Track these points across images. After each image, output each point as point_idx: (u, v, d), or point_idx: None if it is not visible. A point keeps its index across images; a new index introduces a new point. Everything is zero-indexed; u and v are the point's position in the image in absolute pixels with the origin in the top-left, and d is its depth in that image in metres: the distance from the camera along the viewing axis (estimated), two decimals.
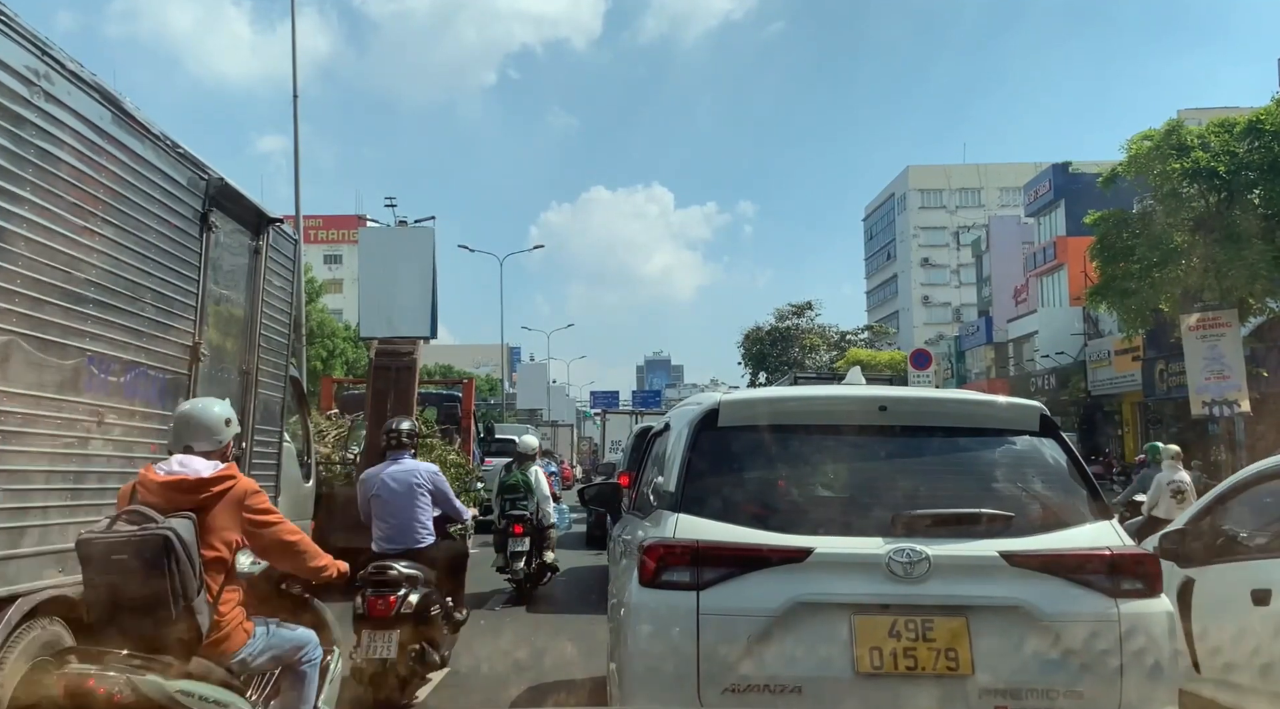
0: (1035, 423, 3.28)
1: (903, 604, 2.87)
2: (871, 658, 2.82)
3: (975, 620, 2.86)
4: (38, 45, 3.65)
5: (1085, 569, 2.94)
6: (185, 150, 4.82)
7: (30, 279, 3.62)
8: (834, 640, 2.84)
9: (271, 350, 6.14)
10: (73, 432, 3.93)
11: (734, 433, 3.27)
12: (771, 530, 3.00)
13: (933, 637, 2.83)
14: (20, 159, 3.56)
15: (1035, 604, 2.87)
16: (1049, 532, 3.03)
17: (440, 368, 47.48)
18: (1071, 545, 2.99)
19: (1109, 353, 29.03)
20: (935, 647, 2.82)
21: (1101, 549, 2.98)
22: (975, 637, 2.84)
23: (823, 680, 2.82)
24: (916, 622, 2.85)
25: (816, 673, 2.83)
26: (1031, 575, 2.90)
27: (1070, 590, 2.91)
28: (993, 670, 2.81)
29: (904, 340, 55.87)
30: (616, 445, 22.89)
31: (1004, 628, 2.86)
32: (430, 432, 11.30)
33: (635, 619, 3.00)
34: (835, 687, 2.82)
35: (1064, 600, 2.89)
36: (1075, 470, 3.21)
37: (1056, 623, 2.86)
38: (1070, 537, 3.02)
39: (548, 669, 6.26)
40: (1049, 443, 3.26)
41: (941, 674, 2.81)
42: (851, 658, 2.83)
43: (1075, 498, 3.16)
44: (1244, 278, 17.79)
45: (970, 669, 2.81)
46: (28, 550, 3.68)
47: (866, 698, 2.81)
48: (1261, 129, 18.07)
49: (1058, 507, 3.15)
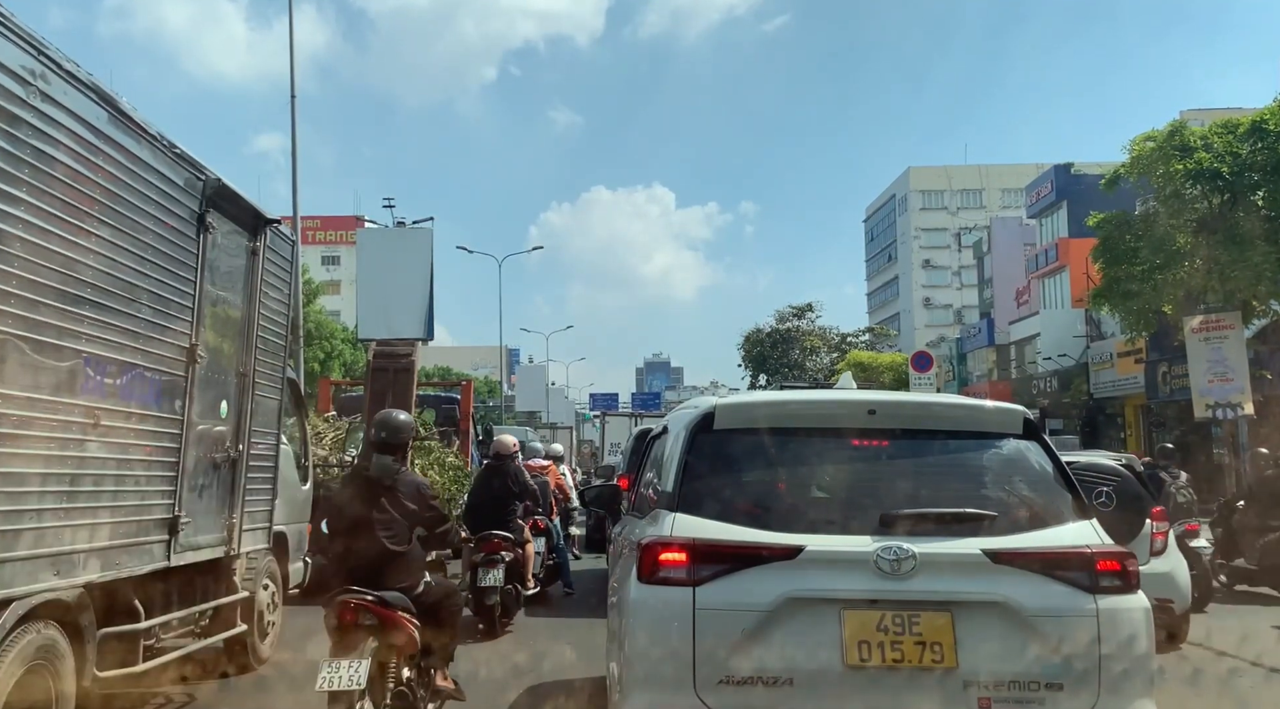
0: (1019, 426, 3.41)
1: (890, 600, 2.98)
2: (860, 651, 2.94)
3: (960, 615, 2.98)
4: (34, 45, 3.63)
5: (1065, 566, 3.06)
6: (182, 150, 4.80)
7: (26, 280, 3.60)
8: (824, 634, 2.96)
9: (269, 352, 6.11)
10: (68, 433, 3.91)
11: (729, 435, 3.38)
12: (765, 529, 3.11)
13: (919, 631, 2.95)
14: (16, 159, 3.54)
15: (1017, 600, 2.99)
16: (1031, 531, 3.16)
17: (438, 369, 47.38)
18: (1052, 544, 3.11)
19: (1111, 355, 28.99)
20: (921, 640, 2.95)
21: (1081, 547, 3.10)
22: (960, 631, 2.96)
23: (813, 672, 2.94)
24: (903, 616, 2.96)
25: (807, 665, 2.95)
26: (1014, 572, 3.02)
27: (1051, 587, 3.03)
28: (976, 663, 2.94)
29: (905, 342, 55.82)
30: (616, 447, 22.85)
31: (987, 623, 2.98)
32: (428, 434, 11.27)
33: (634, 614, 3.11)
34: (825, 678, 2.94)
35: (1045, 596, 3.01)
36: (1057, 472, 3.32)
37: (1038, 618, 2.98)
38: (1051, 535, 3.14)
39: (546, 672, 6.23)
40: (1032, 446, 3.39)
41: (927, 667, 2.94)
42: (841, 651, 2.94)
43: (1057, 498, 3.28)
44: (1247, 280, 17.76)
45: (954, 662, 2.93)
46: (23, 553, 3.65)
47: (855, 689, 2.93)
48: (1265, 130, 18.04)
49: (1040, 507, 3.27)
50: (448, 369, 50.57)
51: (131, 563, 4.46)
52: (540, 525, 8.86)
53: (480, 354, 73.76)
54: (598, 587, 8.57)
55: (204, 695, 5.67)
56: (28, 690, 3.74)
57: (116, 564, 4.32)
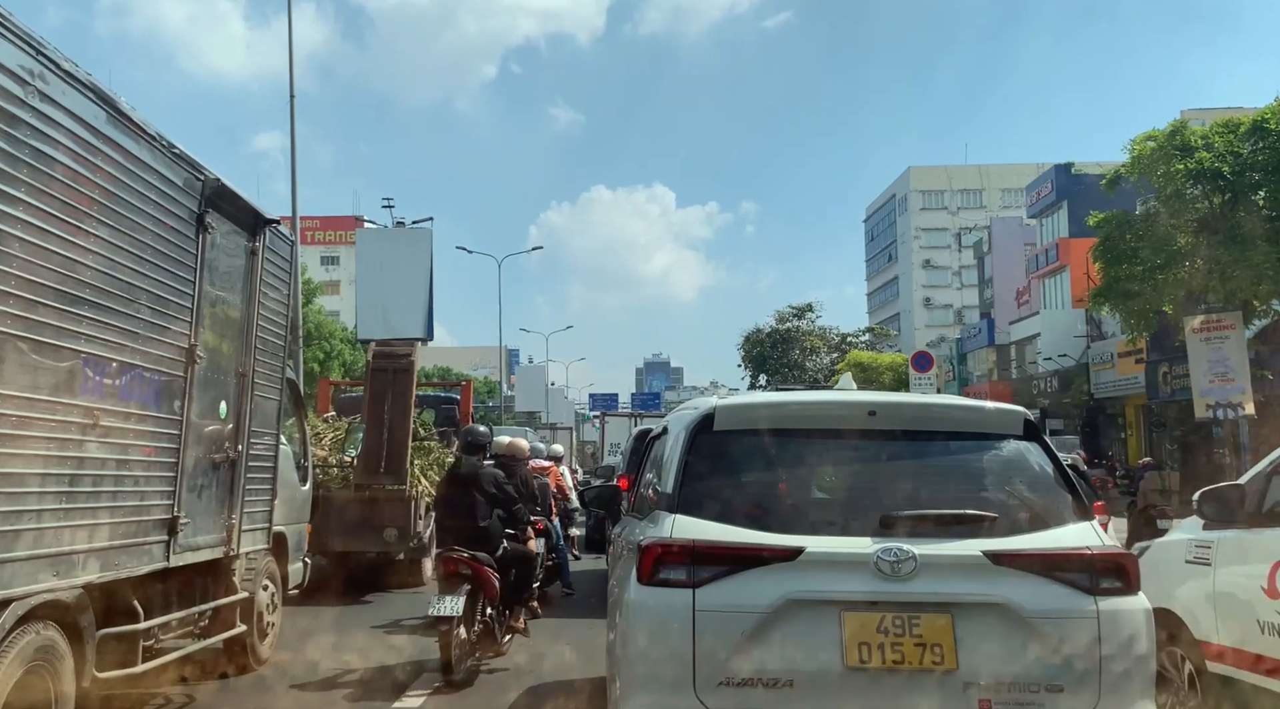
0: (1019, 427, 3.40)
1: (890, 601, 2.98)
2: (860, 653, 2.93)
3: (960, 617, 2.97)
4: (32, 44, 3.62)
5: (1066, 568, 3.06)
6: (181, 150, 4.79)
7: (25, 280, 3.59)
8: (824, 636, 2.96)
9: (268, 352, 6.10)
10: (67, 434, 3.90)
11: (729, 436, 3.38)
12: (765, 530, 3.11)
13: (919, 632, 2.95)
14: (14, 159, 3.53)
15: (1018, 602, 2.98)
16: (1031, 532, 3.16)
17: (438, 370, 47.34)
18: (1053, 545, 3.10)
19: (1112, 355, 28.98)
20: (921, 642, 2.94)
21: (1082, 549, 3.09)
22: (960, 633, 2.95)
23: (813, 674, 2.94)
24: (903, 618, 2.96)
25: (807, 667, 2.95)
26: (1014, 574, 3.02)
27: (1051, 588, 3.02)
28: (976, 665, 2.93)
29: (905, 342, 55.82)
30: (615, 448, 22.84)
31: (987, 624, 2.98)
32: (428, 434, 11.25)
33: (633, 615, 3.12)
34: (825, 680, 2.94)
35: (1045, 598, 3.00)
36: (1057, 473, 3.32)
37: (1038, 620, 2.97)
38: (1052, 537, 3.14)
39: (546, 673, 6.23)
40: (1033, 447, 3.38)
41: (927, 668, 2.93)
42: (841, 653, 2.94)
43: (1057, 500, 3.27)
44: (1248, 280, 17.72)
45: (955, 664, 2.93)
46: (22, 554, 3.64)
47: (855, 691, 2.93)
48: (1266, 129, 18.01)
49: (1040, 508, 3.26)
50: (447, 369, 50.54)
51: (131, 563, 4.45)
52: (540, 526, 8.85)
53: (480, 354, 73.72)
54: (597, 588, 8.57)
55: (203, 696, 5.66)
56: (27, 691, 3.73)
57: (116, 565, 4.31)
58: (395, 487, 9.54)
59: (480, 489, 6.19)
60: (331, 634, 7.31)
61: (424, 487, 9.99)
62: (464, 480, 6.29)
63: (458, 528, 6.17)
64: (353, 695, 5.65)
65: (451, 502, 6.31)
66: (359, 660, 6.44)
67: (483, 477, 6.28)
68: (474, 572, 5.94)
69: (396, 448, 9.59)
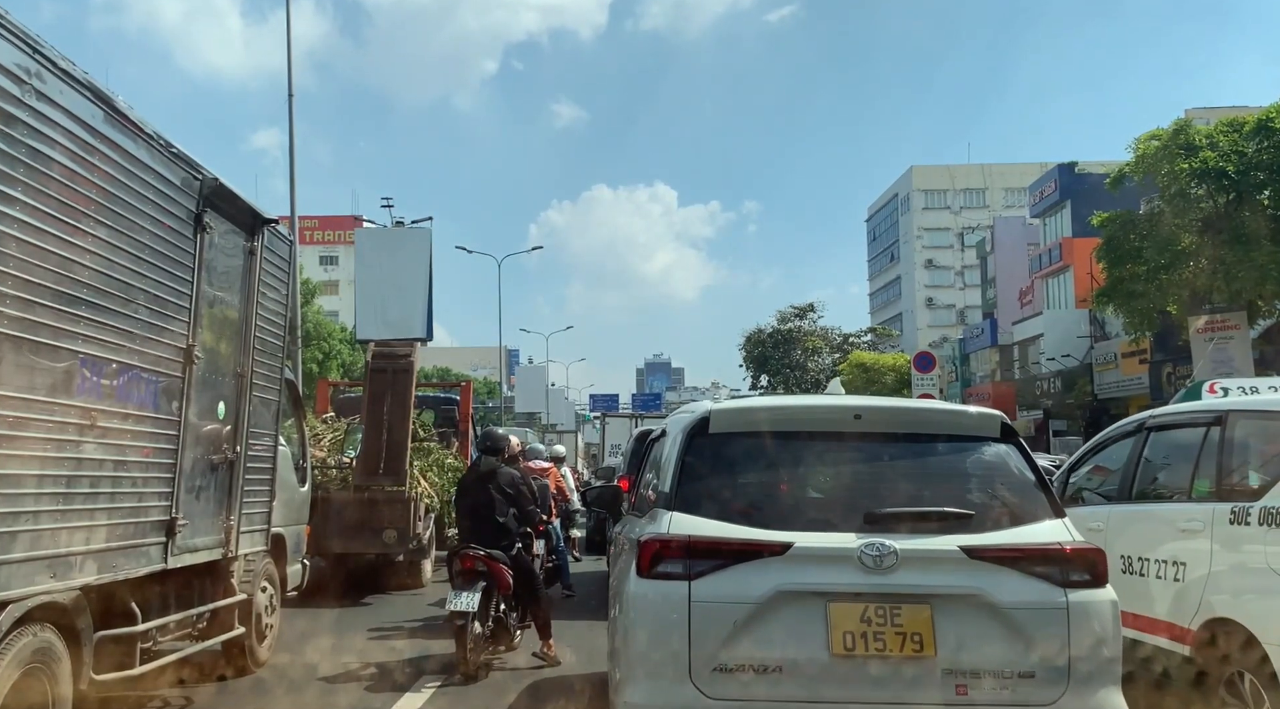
0: (997, 430, 3.60)
1: (873, 593, 3.16)
2: (845, 641, 3.12)
3: (938, 608, 3.15)
4: (29, 43, 3.61)
5: (1038, 562, 3.24)
6: (179, 150, 4.77)
7: (21, 280, 3.58)
8: (811, 625, 3.15)
9: (266, 353, 6.08)
10: (65, 435, 3.88)
11: (723, 438, 3.58)
12: (756, 526, 3.29)
13: (900, 622, 3.14)
14: (11, 159, 3.52)
15: (993, 594, 3.16)
16: (1006, 528, 3.35)
17: (438, 370, 47.39)
18: (1026, 541, 3.29)
19: (1115, 355, 28.92)
20: (902, 631, 3.13)
21: (1053, 544, 3.28)
22: (938, 622, 3.14)
23: (801, 661, 3.13)
24: (885, 609, 3.14)
25: (796, 655, 3.13)
26: (989, 568, 3.20)
27: (1025, 582, 3.20)
28: (953, 653, 3.11)
29: (908, 343, 55.76)
30: (616, 449, 22.80)
31: (964, 615, 3.16)
32: (427, 435, 11.23)
33: (633, 607, 3.31)
34: (813, 667, 3.12)
35: (1019, 591, 3.19)
36: (1032, 473, 3.51)
37: (1012, 611, 3.16)
38: (1025, 533, 3.32)
39: (547, 672, 6.23)
40: (1009, 449, 3.57)
41: (908, 656, 3.12)
42: (827, 641, 3.13)
43: (1031, 498, 3.46)
44: (1253, 279, 17.70)
45: (933, 651, 3.12)
46: (19, 556, 3.63)
47: (841, 677, 3.12)
48: (1271, 128, 17.98)
49: (1015, 506, 3.46)
50: (447, 370, 50.53)
51: (128, 565, 4.43)
52: (540, 527, 8.82)
53: (480, 355, 73.79)
54: (598, 589, 8.55)
55: (201, 698, 5.65)
56: (24, 694, 3.72)
57: (113, 566, 4.30)
58: (394, 488, 9.52)
59: (498, 487, 6.51)
60: (330, 636, 7.30)
61: (423, 488, 9.97)
62: (482, 478, 6.62)
63: (475, 523, 6.47)
64: (352, 697, 5.63)
65: (472, 499, 6.63)
66: (358, 662, 6.43)
67: (500, 475, 6.56)
68: (489, 569, 6.20)
69: (396, 449, 9.57)
